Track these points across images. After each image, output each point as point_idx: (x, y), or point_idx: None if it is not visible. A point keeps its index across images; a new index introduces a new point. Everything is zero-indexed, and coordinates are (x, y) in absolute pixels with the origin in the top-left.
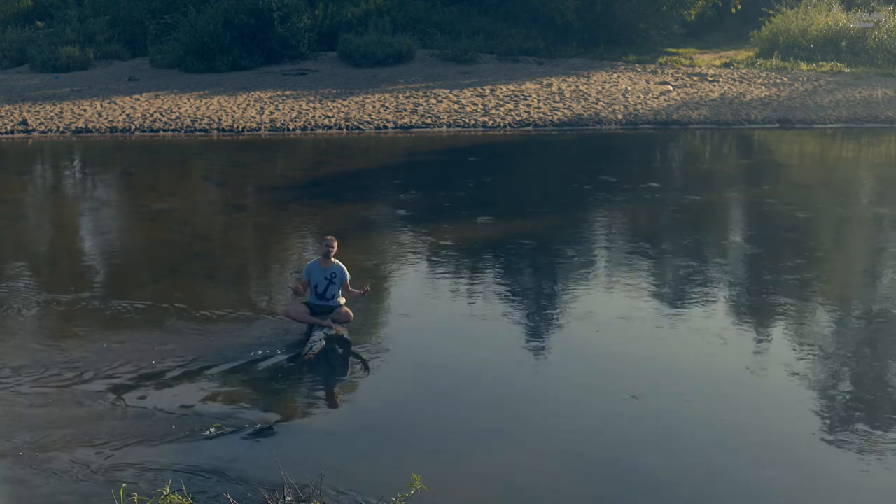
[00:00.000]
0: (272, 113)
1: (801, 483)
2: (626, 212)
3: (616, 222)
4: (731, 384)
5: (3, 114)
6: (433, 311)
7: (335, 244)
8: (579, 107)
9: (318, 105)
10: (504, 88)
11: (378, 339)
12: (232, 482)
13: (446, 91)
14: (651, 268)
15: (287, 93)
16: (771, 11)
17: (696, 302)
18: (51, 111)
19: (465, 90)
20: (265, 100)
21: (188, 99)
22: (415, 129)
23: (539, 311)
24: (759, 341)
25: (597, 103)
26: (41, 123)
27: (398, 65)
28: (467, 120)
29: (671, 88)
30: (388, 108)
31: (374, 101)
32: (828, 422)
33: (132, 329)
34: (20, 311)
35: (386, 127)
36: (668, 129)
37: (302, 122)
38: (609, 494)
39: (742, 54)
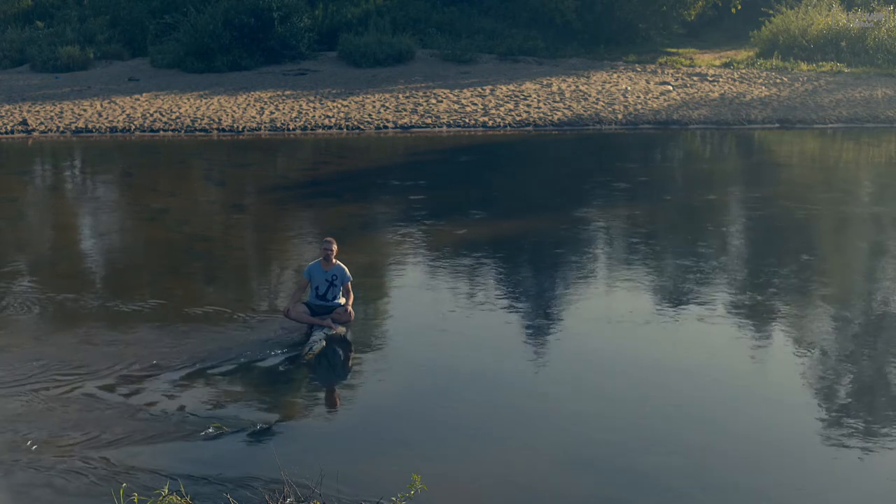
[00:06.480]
0: (272, 113)
1: (800, 483)
2: (626, 212)
3: (616, 222)
4: (731, 384)
5: (3, 114)
6: (433, 311)
7: (334, 246)
8: (579, 107)
9: (318, 105)
10: (504, 88)
11: (378, 339)
12: (232, 482)
13: (446, 91)
14: (650, 267)
15: (287, 93)
16: (771, 11)
17: (696, 301)
18: (51, 111)
19: (465, 90)
20: (265, 100)
21: (188, 99)
22: (415, 129)
23: (539, 311)
24: (759, 341)
25: (597, 103)
26: (41, 123)
27: (398, 65)
28: (467, 120)
29: (671, 88)
30: (388, 108)
31: (374, 101)
32: (827, 421)
33: (131, 329)
34: (19, 310)
35: (386, 127)
36: (668, 129)
37: (302, 122)
38: (609, 494)
39: (742, 54)
